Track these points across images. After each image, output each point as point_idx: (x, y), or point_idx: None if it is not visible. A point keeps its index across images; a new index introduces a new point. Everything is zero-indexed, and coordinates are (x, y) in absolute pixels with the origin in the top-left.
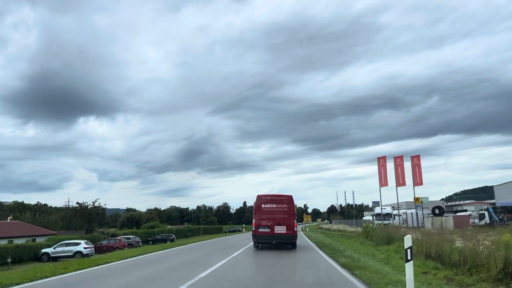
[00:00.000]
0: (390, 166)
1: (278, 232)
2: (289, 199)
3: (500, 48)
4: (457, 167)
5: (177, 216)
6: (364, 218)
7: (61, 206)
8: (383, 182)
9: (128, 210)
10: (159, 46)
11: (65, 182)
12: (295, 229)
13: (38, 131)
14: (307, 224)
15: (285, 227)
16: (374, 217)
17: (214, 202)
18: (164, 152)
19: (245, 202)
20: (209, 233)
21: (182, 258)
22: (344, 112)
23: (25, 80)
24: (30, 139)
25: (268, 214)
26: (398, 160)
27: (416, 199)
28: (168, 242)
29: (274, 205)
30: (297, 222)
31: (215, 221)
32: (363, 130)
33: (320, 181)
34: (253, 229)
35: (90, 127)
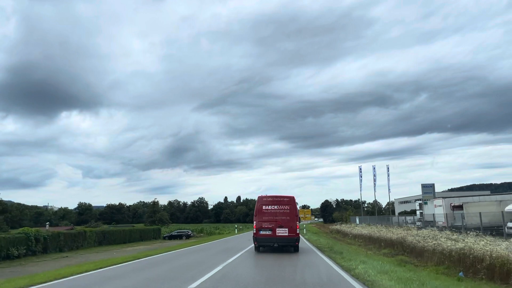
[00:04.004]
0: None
1: (280, 234)
2: (291, 200)
3: (490, 44)
4: (442, 166)
5: (144, 212)
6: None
7: None
8: None
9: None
10: (143, 37)
11: (48, 179)
12: (298, 232)
13: (17, 126)
14: (304, 223)
15: (287, 229)
16: None
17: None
18: (150, 149)
19: (226, 198)
20: (121, 241)
21: None
22: (331, 109)
23: (3, 72)
24: (9, 134)
25: (269, 216)
26: None
27: None
28: None
29: (275, 207)
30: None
31: (165, 218)
32: (351, 128)
33: (307, 179)
34: (254, 231)
35: (73, 122)
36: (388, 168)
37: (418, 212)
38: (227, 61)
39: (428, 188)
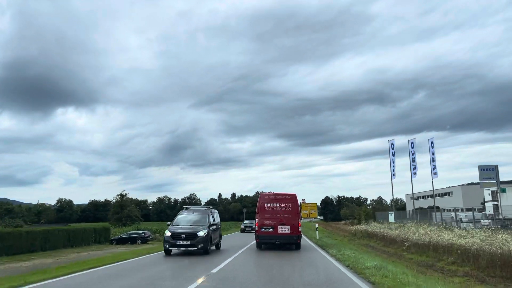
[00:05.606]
0: None
1: (281, 232)
2: (293, 198)
3: (490, 42)
4: (440, 165)
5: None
6: None
7: None
8: None
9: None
10: (140, 33)
11: (45, 177)
12: (299, 229)
13: (13, 123)
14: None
15: (289, 227)
16: None
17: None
18: (147, 146)
19: (220, 194)
20: (25, 250)
21: None
22: (329, 107)
23: None
24: (5, 131)
25: (271, 214)
26: None
27: None
28: None
29: (277, 205)
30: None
31: (135, 215)
32: (348, 126)
33: (304, 178)
34: (256, 229)
35: (69, 119)
36: (432, 144)
37: (490, 205)
38: (225, 58)
39: (488, 172)
